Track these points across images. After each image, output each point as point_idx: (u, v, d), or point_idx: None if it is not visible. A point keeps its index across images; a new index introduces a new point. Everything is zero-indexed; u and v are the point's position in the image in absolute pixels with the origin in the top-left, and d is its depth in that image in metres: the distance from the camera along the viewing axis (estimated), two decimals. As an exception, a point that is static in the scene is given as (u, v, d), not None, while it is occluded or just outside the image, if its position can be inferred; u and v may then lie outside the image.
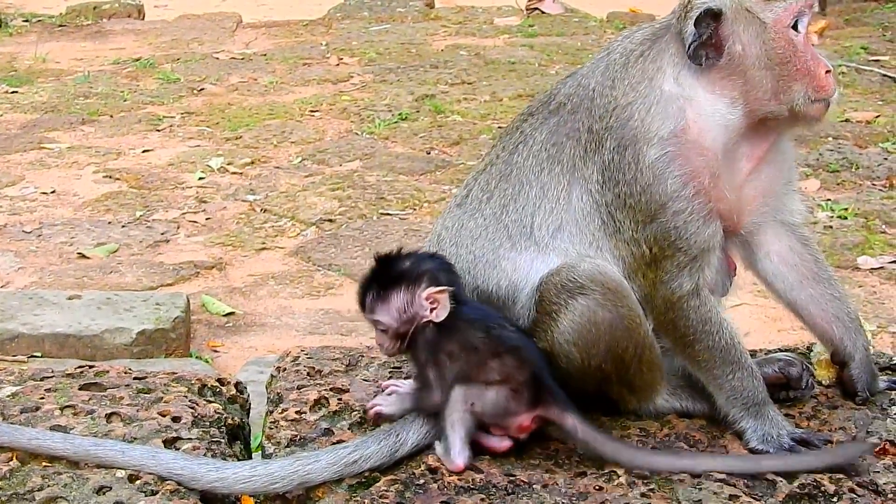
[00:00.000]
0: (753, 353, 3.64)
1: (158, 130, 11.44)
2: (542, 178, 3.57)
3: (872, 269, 7.89)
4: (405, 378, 3.74)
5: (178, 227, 9.00)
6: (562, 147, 3.57)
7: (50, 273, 8.08)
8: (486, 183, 3.72)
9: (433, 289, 3.40)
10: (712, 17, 3.42)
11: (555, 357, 3.48)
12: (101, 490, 3.27)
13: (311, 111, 11.94)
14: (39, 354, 6.63)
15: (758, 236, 3.74)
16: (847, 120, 10.75)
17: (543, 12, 16.16)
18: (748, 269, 3.82)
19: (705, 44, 3.42)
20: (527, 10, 16.41)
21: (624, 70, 3.51)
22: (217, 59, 14.26)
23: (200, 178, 10.02)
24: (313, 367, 3.97)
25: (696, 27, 3.41)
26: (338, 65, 13.85)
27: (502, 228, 3.60)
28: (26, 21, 16.54)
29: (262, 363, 6.54)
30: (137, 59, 14.22)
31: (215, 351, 7.12)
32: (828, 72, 3.49)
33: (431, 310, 3.41)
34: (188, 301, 7.21)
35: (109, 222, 9.06)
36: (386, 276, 3.47)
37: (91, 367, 4.00)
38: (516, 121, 3.81)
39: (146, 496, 3.25)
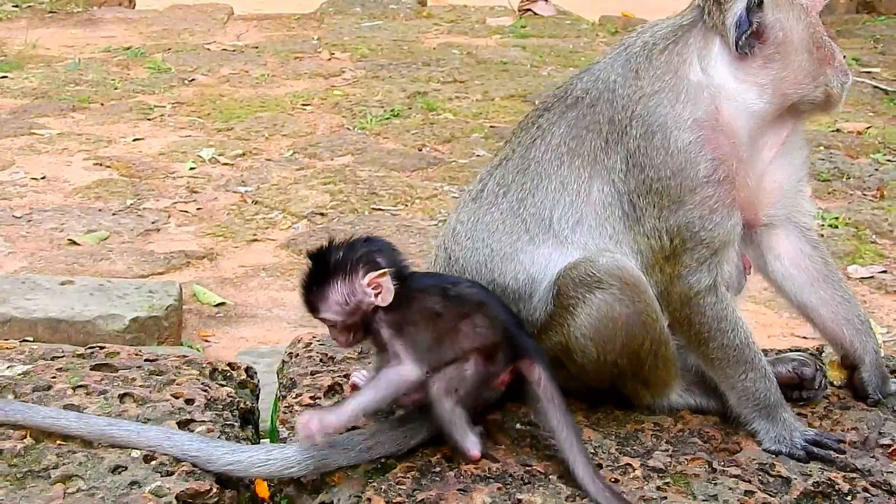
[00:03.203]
0: (765, 353, 3.64)
1: (149, 119, 11.40)
2: (562, 171, 3.58)
3: (863, 278, 7.93)
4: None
5: (169, 217, 8.97)
6: (582, 140, 3.58)
7: (40, 259, 8.04)
8: (502, 177, 3.72)
9: (372, 274, 3.30)
10: (757, 5, 3.44)
11: (571, 351, 3.49)
12: (116, 469, 3.26)
13: (303, 105, 11.93)
14: (32, 339, 6.57)
15: (768, 238, 3.76)
16: (838, 130, 10.81)
17: (536, 13, 16.19)
18: (758, 271, 3.83)
19: (749, 32, 3.45)
20: (519, 10, 16.44)
21: (648, 62, 3.52)
22: (208, 50, 14.23)
23: (191, 169, 9.99)
24: (326, 354, 3.97)
25: (747, 16, 3.43)
26: (329, 59, 13.84)
27: (520, 222, 3.60)
28: (16, 6, 16.46)
29: (254, 354, 6.54)
30: (128, 48, 14.18)
31: (206, 341, 7.10)
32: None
33: (376, 295, 3.31)
34: (181, 290, 7.19)
35: (100, 210, 9.02)
36: (322, 271, 3.35)
37: (102, 347, 3.99)
38: (531, 116, 3.82)
39: (162, 476, 3.24)
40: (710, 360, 3.53)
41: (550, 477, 3.28)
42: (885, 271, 8.03)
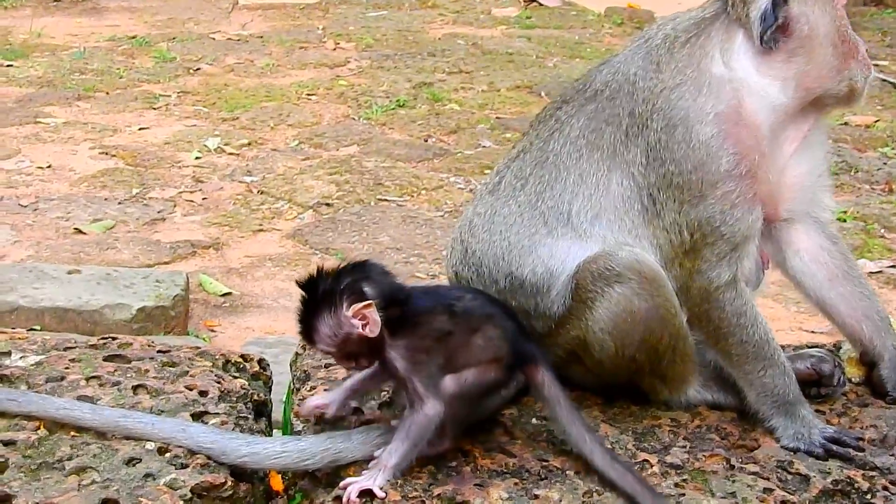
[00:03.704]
0: (783, 349, 3.62)
1: (154, 109, 11.37)
2: (581, 164, 3.55)
3: (871, 272, 7.89)
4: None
5: (175, 206, 8.94)
6: (601, 133, 3.55)
7: (46, 247, 8.01)
8: (519, 170, 3.69)
9: (357, 305, 3.17)
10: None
11: (588, 346, 3.47)
12: (130, 461, 3.24)
13: (308, 95, 11.89)
14: (39, 328, 6.57)
15: (787, 233, 3.74)
16: (846, 123, 10.77)
17: (541, 4, 16.13)
18: (777, 267, 3.81)
19: (775, 26, 3.42)
20: (525, 1, 16.38)
21: (669, 55, 3.50)
22: (213, 39, 14.19)
23: (197, 158, 9.95)
24: (340, 347, 3.94)
25: (773, 10, 3.40)
26: (335, 49, 13.80)
27: (538, 215, 3.58)
28: (21, -6, 16.43)
29: (261, 344, 6.50)
30: (133, 37, 14.14)
31: (212, 330, 7.07)
32: None
33: (363, 326, 3.19)
34: (188, 279, 7.17)
35: (106, 199, 8.98)
36: (311, 301, 3.25)
37: (114, 338, 3.96)
38: (549, 109, 3.79)
39: (176, 469, 3.22)
40: (729, 355, 3.51)
41: (567, 472, 3.26)
42: (893, 266, 8.00)
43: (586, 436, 3.29)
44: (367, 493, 3.14)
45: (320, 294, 3.23)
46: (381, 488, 3.15)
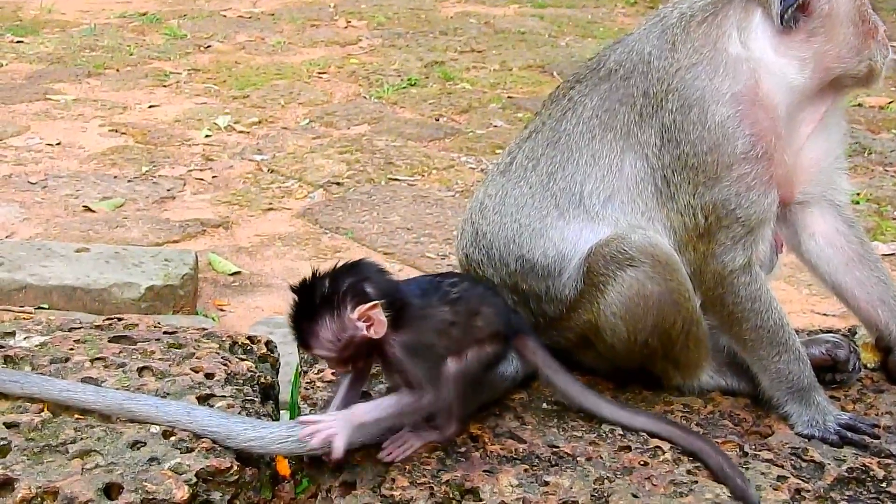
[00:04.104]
0: (796, 333, 3.56)
1: (165, 86, 11.34)
2: (594, 145, 3.49)
3: (884, 255, 7.82)
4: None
5: (185, 184, 8.90)
6: (615, 113, 3.49)
7: (55, 225, 7.98)
8: (531, 150, 3.64)
9: (362, 307, 3.06)
10: None
11: (600, 330, 3.42)
12: (135, 445, 3.19)
13: (319, 73, 11.85)
14: (47, 306, 6.54)
15: (802, 216, 3.68)
16: (860, 105, 10.69)
17: (554, -17, 16.03)
18: (791, 250, 3.75)
19: (795, 5, 3.35)
20: (537, -20, 16.29)
21: (685, 34, 3.43)
22: (224, 16, 14.16)
23: (207, 136, 9.93)
24: (348, 329, 3.89)
25: None
26: (346, 27, 13.75)
27: (550, 197, 3.52)
28: (31, -30, 16.37)
29: (270, 324, 6.47)
30: (143, 14, 14.11)
31: (221, 310, 7.04)
32: None
33: (368, 327, 3.09)
34: (197, 258, 7.13)
35: (115, 176, 8.96)
36: (309, 306, 3.13)
37: (120, 319, 3.92)
38: (562, 88, 3.72)
39: (181, 453, 3.17)
40: (743, 341, 3.45)
41: (578, 459, 3.21)
42: (907, 248, 7.94)
43: (586, 392, 3.34)
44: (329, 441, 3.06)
45: (320, 298, 3.11)
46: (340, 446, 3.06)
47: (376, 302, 3.08)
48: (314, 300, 3.12)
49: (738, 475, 3.10)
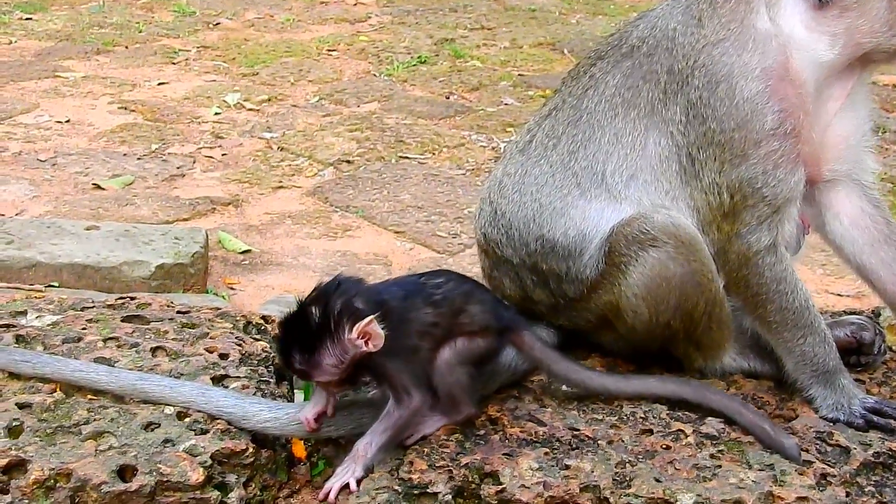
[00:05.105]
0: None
1: (174, 63, 11.26)
2: (616, 123, 3.43)
3: (900, 236, 7.75)
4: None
5: (195, 162, 8.83)
6: (638, 90, 3.42)
7: (65, 203, 7.93)
8: (551, 128, 3.57)
9: (359, 325, 3.04)
10: None
11: (621, 311, 3.37)
12: (149, 426, 3.15)
13: (329, 50, 11.76)
14: (57, 284, 6.49)
15: (828, 196, 3.61)
16: (874, 83, 10.58)
17: (565, -39, 15.92)
18: (816, 230, 3.68)
19: None
20: (547, -43, 16.17)
21: (711, 9, 3.36)
22: (233, -7, 14.07)
23: (216, 114, 9.85)
24: (363, 309, 3.84)
25: None
26: (355, 4, 13.66)
27: (571, 175, 3.46)
28: (39, -54, 16.29)
29: (282, 302, 6.40)
30: (152, -10, 14.02)
31: (231, 288, 6.98)
32: None
33: (366, 342, 3.06)
34: (207, 236, 7.08)
35: (125, 154, 8.89)
36: (304, 335, 3.09)
37: (133, 298, 3.87)
38: (583, 65, 3.66)
39: (196, 434, 3.13)
40: (768, 323, 3.39)
41: (599, 442, 3.16)
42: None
43: (591, 374, 3.34)
44: (345, 488, 3.09)
45: (316, 327, 3.07)
46: (357, 482, 3.09)
47: (371, 317, 3.05)
48: (309, 330, 3.08)
49: (777, 431, 3.14)
